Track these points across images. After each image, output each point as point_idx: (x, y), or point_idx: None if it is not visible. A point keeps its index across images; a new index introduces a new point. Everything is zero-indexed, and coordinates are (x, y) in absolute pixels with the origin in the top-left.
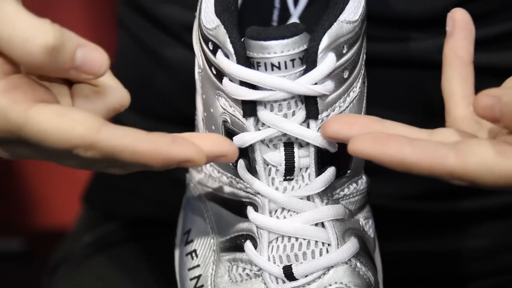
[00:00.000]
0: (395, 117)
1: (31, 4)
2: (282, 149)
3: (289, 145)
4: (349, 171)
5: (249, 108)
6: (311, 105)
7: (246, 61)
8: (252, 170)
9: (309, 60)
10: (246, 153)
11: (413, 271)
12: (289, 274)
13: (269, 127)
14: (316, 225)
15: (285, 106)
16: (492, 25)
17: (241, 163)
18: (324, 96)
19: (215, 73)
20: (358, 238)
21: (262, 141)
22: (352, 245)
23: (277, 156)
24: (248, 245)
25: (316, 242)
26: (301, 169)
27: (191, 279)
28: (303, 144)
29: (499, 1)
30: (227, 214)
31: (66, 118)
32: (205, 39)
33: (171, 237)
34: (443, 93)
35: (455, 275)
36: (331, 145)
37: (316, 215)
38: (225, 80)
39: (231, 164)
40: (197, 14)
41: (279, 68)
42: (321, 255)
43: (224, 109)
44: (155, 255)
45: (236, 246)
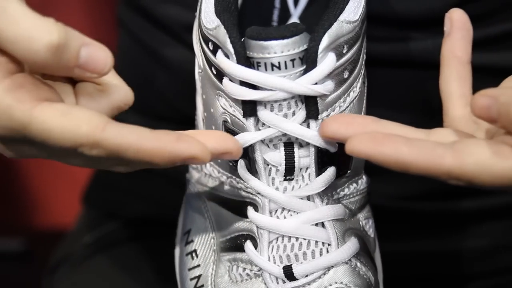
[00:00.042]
0: (395, 117)
1: (31, 4)
2: (282, 149)
3: (289, 145)
4: (349, 171)
5: (249, 108)
6: (311, 105)
7: (246, 61)
8: (252, 170)
9: (309, 60)
10: (246, 153)
11: (413, 271)
12: (289, 274)
13: (269, 127)
14: (316, 225)
15: (285, 106)
16: (492, 25)
17: (241, 163)
18: (324, 96)
19: (215, 73)
20: (358, 238)
21: (262, 141)
22: (352, 245)
23: (277, 156)
24: (248, 245)
25: (316, 242)
26: (301, 169)
27: (191, 279)
28: (303, 144)
29: (499, 1)
30: (227, 214)
31: (70, 116)
32: (205, 39)
33: (171, 237)
34: (440, 93)
35: (455, 275)
36: (331, 145)
37: (316, 215)
38: (225, 80)
39: (231, 164)
40: (197, 14)
41: (279, 68)
42: (321, 255)
43: (224, 109)
44: (155, 255)
45: (236, 246)
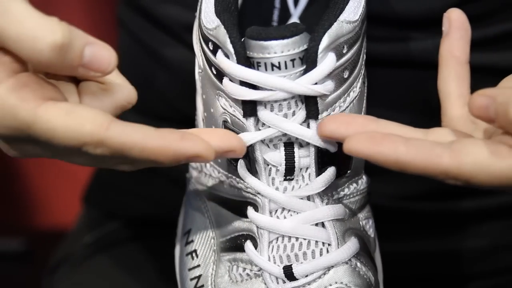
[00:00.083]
0: (394, 117)
1: (32, 4)
2: (282, 149)
3: (289, 145)
4: (349, 171)
5: (249, 108)
6: (311, 105)
7: (246, 61)
8: (252, 170)
9: (309, 60)
10: (246, 153)
11: (413, 271)
12: (289, 274)
13: (269, 127)
14: (316, 225)
15: (285, 106)
16: (491, 25)
17: (242, 163)
18: (324, 96)
19: (215, 73)
20: (358, 238)
21: (262, 141)
22: (352, 245)
23: (277, 156)
24: (248, 245)
25: (316, 242)
26: (301, 169)
27: (192, 279)
28: (303, 144)
29: (499, 1)
30: (227, 214)
31: (75, 115)
32: (205, 39)
33: (171, 237)
34: (439, 93)
35: (455, 275)
36: (331, 145)
37: (316, 215)
38: (225, 80)
39: (231, 163)
40: (197, 14)
41: (279, 68)
42: (321, 255)
43: (224, 109)
44: (156, 255)
45: (236, 246)
